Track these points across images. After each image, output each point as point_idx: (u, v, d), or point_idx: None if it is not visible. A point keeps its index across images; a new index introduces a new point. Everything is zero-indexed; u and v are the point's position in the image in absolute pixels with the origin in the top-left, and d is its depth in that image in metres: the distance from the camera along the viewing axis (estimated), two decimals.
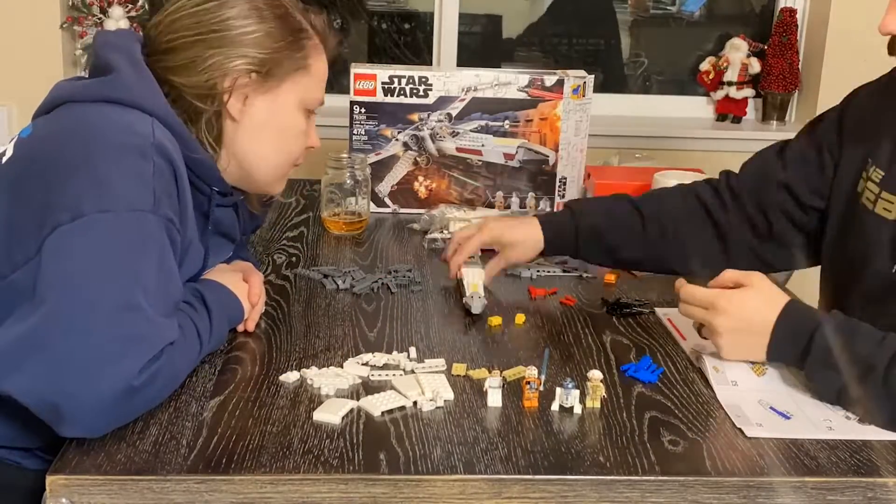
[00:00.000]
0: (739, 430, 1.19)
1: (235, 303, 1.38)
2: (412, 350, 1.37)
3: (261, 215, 1.61)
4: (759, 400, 1.27)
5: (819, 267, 1.62)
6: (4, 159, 1.26)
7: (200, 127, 1.33)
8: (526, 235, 1.65)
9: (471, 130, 2.10)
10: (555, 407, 1.23)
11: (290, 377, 1.28)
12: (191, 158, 1.29)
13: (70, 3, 2.88)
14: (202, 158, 1.31)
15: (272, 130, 1.38)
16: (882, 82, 1.56)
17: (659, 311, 1.58)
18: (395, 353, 1.37)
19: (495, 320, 1.49)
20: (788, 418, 1.21)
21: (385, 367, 1.32)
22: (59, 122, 1.25)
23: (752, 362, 1.33)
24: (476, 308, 1.49)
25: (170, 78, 1.31)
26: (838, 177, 1.55)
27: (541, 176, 2.13)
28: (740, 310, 1.29)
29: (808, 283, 1.75)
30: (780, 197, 1.61)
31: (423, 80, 2.07)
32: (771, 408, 1.25)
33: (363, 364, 1.32)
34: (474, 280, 1.57)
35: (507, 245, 1.64)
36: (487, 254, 1.68)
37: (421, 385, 1.25)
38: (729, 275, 1.33)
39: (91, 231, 1.12)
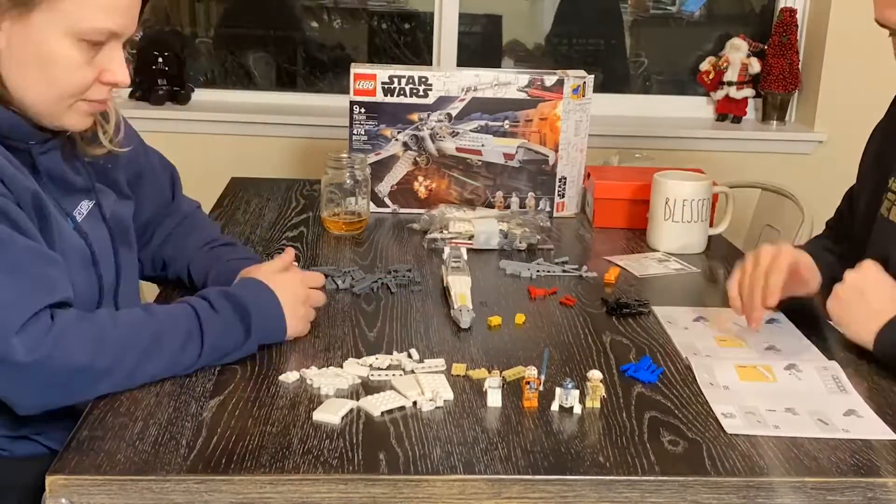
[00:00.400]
0: (723, 428, 1.19)
1: (274, 320, 1.35)
2: (413, 351, 1.37)
3: (111, 158, 1.44)
4: (748, 401, 1.27)
5: None
6: None
7: None
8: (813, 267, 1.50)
9: (471, 130, 2.10)
10: (554, 407, 1.22)
11: (290, 377, 1.28)
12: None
13: None
14: (6, 117, 1.23)
15: (32, 60, 1.22)
16: None
17: (657, 310, 1.57)
18: (395, 353, 1.37)
19: (495, 320, 1.49)
20: (777, 427, 1.21)
21: (387, 367, 1.32)
22: None
23: (741, 367, 1.34)
24: (465, 322, 1.46)
25: None
26: (867, 190, 1.58)
27: (541, 176, 2.13)
28: (879, 276, 1.39)
29: None
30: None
31: (423, 80, 2.07)
32: (766, 409, 1.25)
33: (369, 367, 1.32)
34: (461, 290, 1.54)
35: (805, 269, 1.48)
36: (490, 254, 1.68)
37: (421, 385, 1.25)
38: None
39: None
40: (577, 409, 1.22)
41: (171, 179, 1.63)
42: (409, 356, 1.36)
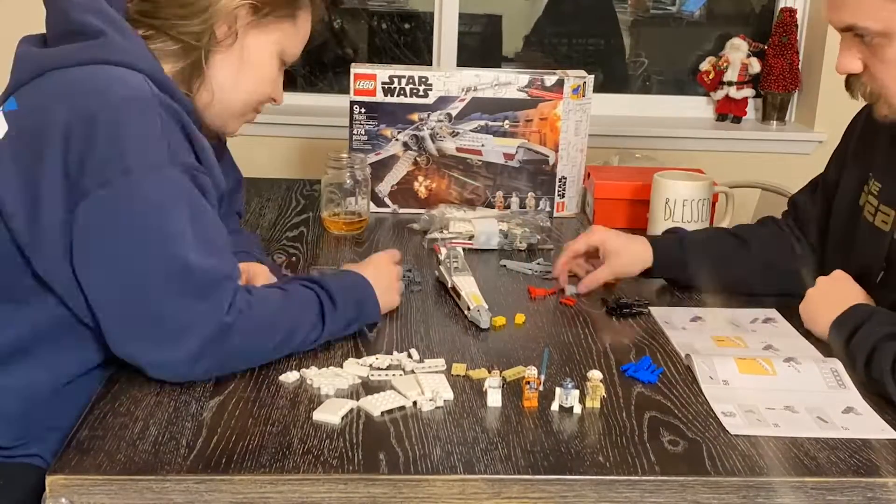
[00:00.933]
0: (724, 428, 1.19)
1: (369, 304, 1.42)
2: (413, 351, 1.37)
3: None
4: (747, 398, 1.27)
5: None
6: (0, 134, 1.26)
7: (185, 65, 1.34)
8: (634, 248, 1.64)
9: (471, 130, 2.10)
10: (554, 407, 1.23)
11: (290, 377, 1.28)
12: (184, 107, 1.30)
13: None
14: (188, 103, 1.33)
15: (253, 66, 1.40)
16: None
17: (653, 311, 1.58)
18: (395, 353, 1.37)
19: (496, 320, 1.49)
20: (777, 425, 1.21)
21: (387, 367, 1.32)
22: (55, 89, 1.24)
23: (741, 360, 1.35)
24: (485, 322, 1.47)
25: (154, 19, 1.32)
26: (840, 193, 1.58)
27: (541, 176, 2.13)
28: (847, 282, 1.46)
29: None
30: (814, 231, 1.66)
31: (423, 80, 2.07)
32: (766, 408, 1.25)
33: (369, 367, 1.32)
34: (472, 290, 1.55)
35: (612, 252, 1.62)
36: (485, 253, 1.68)
37: (420, 385, 1.25)
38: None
39: (120, 197, 1.18)
40: (577, 409, 1.22)
41: (237, 183, 1.74)
42: (409, 356, 1.36)
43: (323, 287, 1.36)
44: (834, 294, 1.45)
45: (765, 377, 1.32)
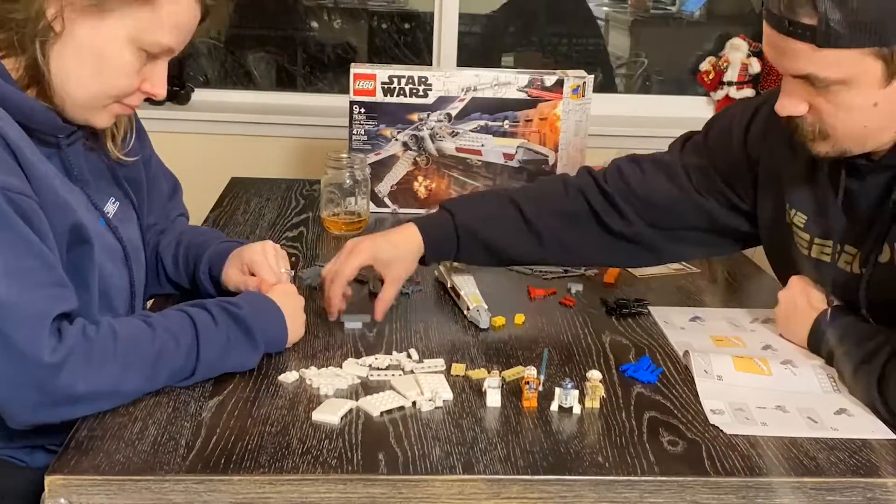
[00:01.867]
0: (712, 425, 1.20)
1: (276, 327, 1.34)
2: (413, 351, 1.37)
3: (132, 162, 1.46)
4: (739, 396, 1.27)
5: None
6: None
7: (26, 60, 1.24)
8: (403, 245, 1.52)
9: (470, 130, 2.10)
10: (554, 407, 1.22)
11: (289, 377, 1.28)
12: (20, 112, 1.23)
13: None
14: (33, 107, 1.24)
15: (91, 56, 1.25)
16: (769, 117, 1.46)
17: (653, 310, 1.57)
18: (394, 353, 1.37)
19: (495, 320, 1.49)
20: (765, 424, 1.21)
21: (387, 367, 1.32)
22: None
23: (738, 358, 1.35)
24: (484, 322, 1.47)
25: None
26: (764, 208, 1.51)
27: (540, 176, 2.13)
28: (805, 286, 1.44)
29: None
30: (692, 216, 1.55)
31: (423, 80, 2.07)
32: (756, 406, 1.25)
33: (369, 367, 1.32)
34: (471, 290, 1.55)
35: (385, 266, 1.50)
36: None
37: (420, 385, 1.25)
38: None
39: None
40: (577, 409, 1.22)
41: (173, 190, 1.64)
42: (409, 356, 1.36)
43: (204, 308, 1.28)
44: (800, 306, 1.43)
45: (760, 376, 1.32)
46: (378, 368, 1.31)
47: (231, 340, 1.27)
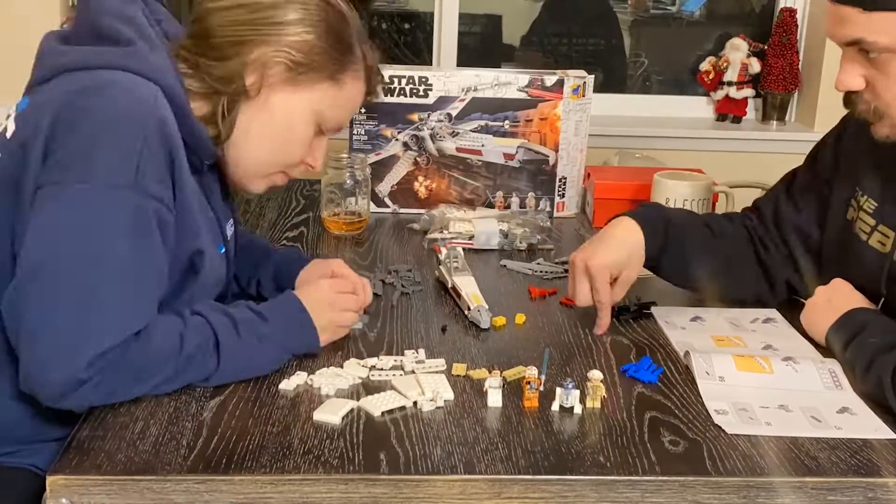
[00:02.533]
0: (716, 425, 1.20)
1: (304, 331, 1.33)
2: (417, 351, 1.37)
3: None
4: (742, 396, 1.27)
5: None
6: (8, 134, 1.25)
7: (214, 104, 1.30)
8: (629, 241, 1.52)
9: (471, 130, 2.10)
10: (555, 407, 1.22)
11: (290, 384, 1.27)
12: (189, 133, 1.26)
13: (70, 3, 2.88)
14: (200, 131, 1.28)
15: (277, 126, 1.33)
16: None
17: (654, 310, 1.58)
18: (395, 353, 1.37)
19: (496, 320, 1.49)
20: (769, 424, 1.21)
21: (389, 368, 1.32)
22: (65, 88, 1.22)
23: (739, 357, 1.35)
24: (485, 322, 1.47)
25: (195, 58, 1.29)
26: (833, 207, 1.55)
27: (541, 176, 2.13)
28: (846, 287, 1.45)
29: None
30: (795, 239, 1.60)
31: (423, 80, 2.07)
32: (759, 406, 1.25)
33: (370, 367, 1.32)
34: (473, 290, 1.55)
35: (622, 266, 1.49)
36: (483, 254, 1.67)
37: (421, 385, 1.25)
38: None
39: (67, 202, 1.15)
40: (578, 409, 1.22)
41: None
42: (415, 354, 1.36)
43: (230, 317, 1.28)
44: (833, 301, 1.43)
45: (761, 375, 1.32)
46: (379, 369, 1.31)
47: (254, 357, 1.27)
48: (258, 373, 1.28)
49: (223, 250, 1.40)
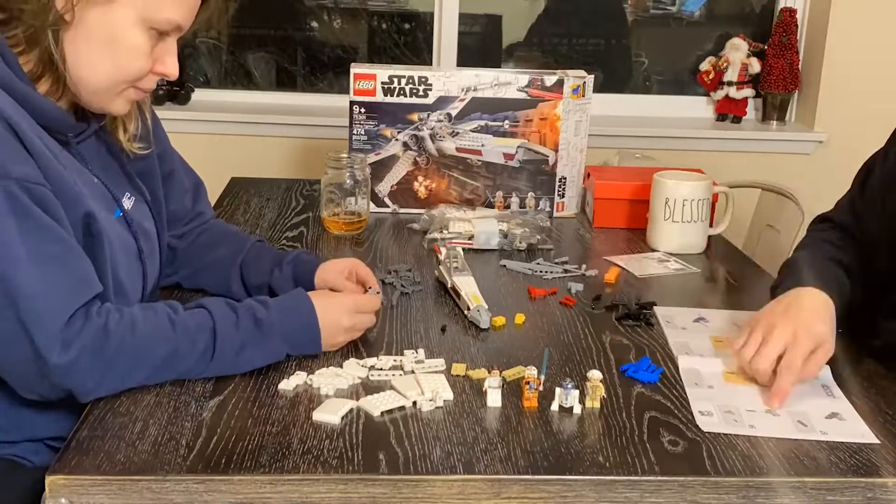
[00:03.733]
0: (699, 428, 1.20)
1: (307, 330, 1.33)
2: (421, 352, 1.37)
3: (146, 155, 1.47)
4: (730, 399, 1.27)
5: None
6: None
7: (39, 53, 1.25)
8: (829, 317, 1.37)
9: (471, 130, 2.10)
10: (554, 407, 1.22)
11: (289, 384, 1.27)
12: (34, 110, 1.24)
13: None
14: (44, 106, 1.25)
15: (102, 41, 1.26)
16: None
17: (657, 310, 1.58)
18: (395, 353, 1.37)
19: (495, 320, 1.49)
20: (753, 426, 1.21)
21: (389, 368, 1.32)
22: None
23: (728, 374, 1.35)
24: (485, 322, 1.47)
25: (8, 6, 1.24)
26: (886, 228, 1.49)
27: (540, 176, 2.13)
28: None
29: None
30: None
31: (423, 80, 2.07)
32: (746, 410, 1.25)
33: (369, 367, 1.32)
34: (472, 290, 1.55)
35: (821, 342, 1.34)
36: (486, 254, 1.67)
37: (420, 385, 1.25)
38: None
39: None
40: (577, 409, 1.22)
41: (196, 187, 1.66)
42: (416, 354, 1.36)
43: (231, 307, 1.29)
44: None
45: (751, 387, 1.31)
46: (379, 369, 1.31)
47: (248, 344, 1.27)
48: (253, 364, 1.28)
49: (120, 214, 1.37)
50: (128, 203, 1.40)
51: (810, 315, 1.34)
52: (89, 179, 1.33)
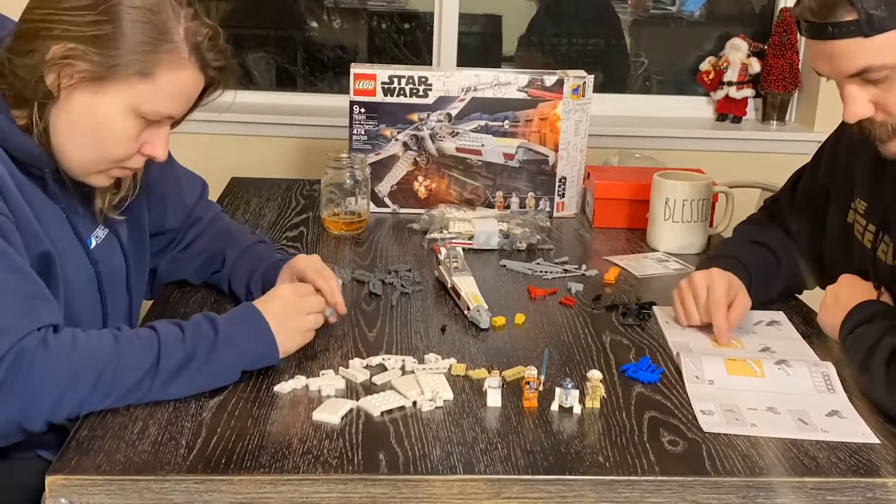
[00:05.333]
0: (699, 427, 1.20)
1: (259, 343, 1.27)
2: (431, 356, 1.36)
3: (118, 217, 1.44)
4: (731, 398, 1.27)
5: None
6: None
7: (30, 110, 1.24)
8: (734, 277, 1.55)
9: (471, 130, 2.10)
10: (554, 407, 1.22)
11: (286, 387, 1.27)
12: (15, 147, 1.24)
13: None
14: (23, 146, 1.25)
15: (87, 125, 1.25)
16: None
17: (656, 310, 1.58)
18: (395, 353, 1.37)
19: (495, 320, 1.49)
20: (754, 425, 1.21)
21: (389, 369, 1.32)
22: None
23: (731, 360, 1.35)
24: (485, 322, 1.47)
25: (10, 58, 1.23)
26: (832, 213, 1.58)
27: (540, 176, 2.13)
28: (852, 281, 1.48)
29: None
30: (798, 238, 1.68)
31: (423, 80, 2.07)
32: (747, 408, 1.25)
33: (376, 366, 1.32)
34: (472, 290, 1.55)
35: (738, 288, 1.53)
36: (484, 254, 1.67)
37: (420, 385, 1.25)
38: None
39: None
40: (577, 409, 1.22)
41: (200, 194, 1.66)
42: (421, 360, 1.36)
43: (176, 325, 1.24)
44: (840, 298, 1.46)
45: (753, 378, 1.32)
46: (380, 368, 1.31)
47: (197, 357, 1.22)
48: (210, 385, 1.23)
49: (86, 251, 1.36)
50: (101, 234, 1.40)
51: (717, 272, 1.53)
52: (57, 216, 1.32)
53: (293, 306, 1.32)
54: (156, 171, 1.50)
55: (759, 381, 1.31)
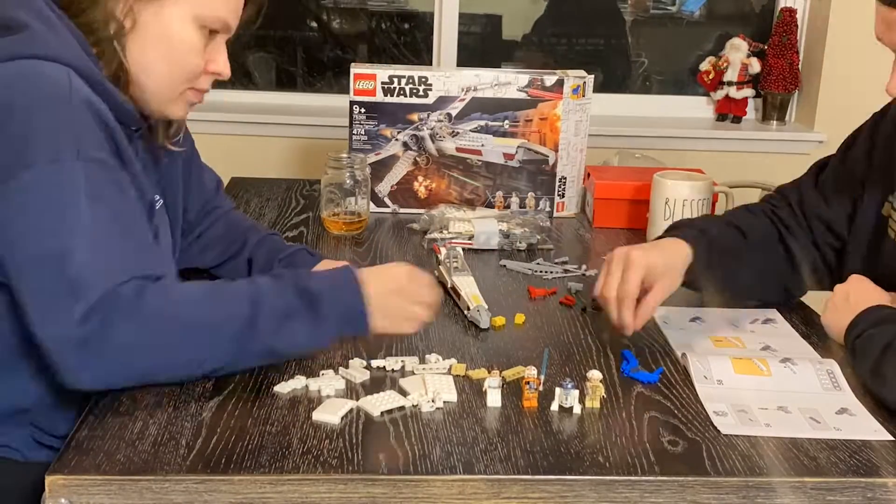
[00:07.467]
0: (715, 426, 1.20)
1: (352, 307, 1.26)
2: (433, 356, 1.36)
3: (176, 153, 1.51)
4: (741, 398, 1.27)
5: None
6: None
7: (108, 60, 1.29)
8: (673, 254, 1.47)
9: (471, 130, 2.10)
10: (554, 407, 1.23)
11: (285, 388, 1.27)
12: (112, 104, 1.27)
13: None
14: (121, 103, 1.29)
15: (159, 41, 1.31)
16: None
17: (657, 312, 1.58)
18: (395, 354, 1.37)
19: (495, 320, 1.49)
20: (769, 425, 1.21)
21: (390, 369, 1.32)
22: None
23: (736, 359, 1.35)
24: (484, 322, 1.47)
25: (77, 20, 1.28)
26: (864, 205, 1.54)
27: (540, 176, 2.13)
28: (863, 283, 1.46)
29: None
30: (820, 230, 1.60)
31: (423, 80, 2.07)
32: (758, 408, 1.25)
33: (369, 367, 1.32)
34: (472, 290, 1.55)
35: (659, 273, 1.43)
36: (485, 254, 1.67)
37: (426, 385, 1.25)
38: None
39: (19, 190, 1.16)
40: (577, 409, 1.22)
41: (216, 187, 1.70)
42: (423, 360, 1.35)
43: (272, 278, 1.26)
44: (851, 299, 1.43)
45: (760, 377, 1.32)
46: (381, 368, 1.31)
47: (291, 319, 1.23)
48: (297, 346, 1.25)
49: (150, 216, 1.39)
50: (157, 204, 1.43)
51: (654, 248, 1.47)
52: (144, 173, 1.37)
53: (404, 288, 1.32)
54: (184, 158, 1.56)
55: (767, 379, 1.31)
